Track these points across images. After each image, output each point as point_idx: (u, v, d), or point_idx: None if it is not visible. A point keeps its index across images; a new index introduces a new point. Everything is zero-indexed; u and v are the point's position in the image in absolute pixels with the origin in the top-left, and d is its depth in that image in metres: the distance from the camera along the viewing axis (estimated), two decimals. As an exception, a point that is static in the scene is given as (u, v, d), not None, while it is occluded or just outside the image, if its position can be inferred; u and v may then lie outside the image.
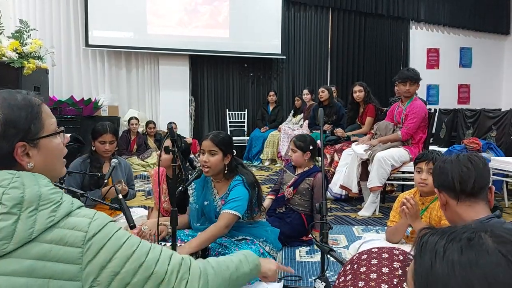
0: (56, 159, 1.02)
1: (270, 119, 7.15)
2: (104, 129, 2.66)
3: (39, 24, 6.34)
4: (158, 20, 6.83)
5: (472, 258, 0.58)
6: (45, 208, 0.87)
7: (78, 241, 0.87)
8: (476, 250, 0.58)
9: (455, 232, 0.62)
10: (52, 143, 1.00)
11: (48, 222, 0.86)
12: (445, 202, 1.38)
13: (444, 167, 1.38)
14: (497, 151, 4.42)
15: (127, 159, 5.28)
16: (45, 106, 1.00)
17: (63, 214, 0.89)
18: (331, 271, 2.38)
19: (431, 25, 8.81)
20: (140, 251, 0.94)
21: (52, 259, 0.84)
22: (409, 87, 3.68)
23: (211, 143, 2.16)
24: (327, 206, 1.80)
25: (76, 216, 0.91)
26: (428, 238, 0.64)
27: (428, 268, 0.61)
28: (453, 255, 0.59)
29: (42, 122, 0.97)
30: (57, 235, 0.86)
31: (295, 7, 7.78)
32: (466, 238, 0.60)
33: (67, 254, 0.86)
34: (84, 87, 6.81)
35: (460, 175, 1.33)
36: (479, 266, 0.57)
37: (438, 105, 8.31)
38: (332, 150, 4.65)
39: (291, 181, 2.96)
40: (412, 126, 3.66)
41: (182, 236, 2.25)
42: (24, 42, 3.53)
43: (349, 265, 1.19)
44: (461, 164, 1.36)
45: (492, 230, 0.61)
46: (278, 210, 2.99)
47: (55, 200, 0.89)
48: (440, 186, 1.39)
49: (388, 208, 3.85)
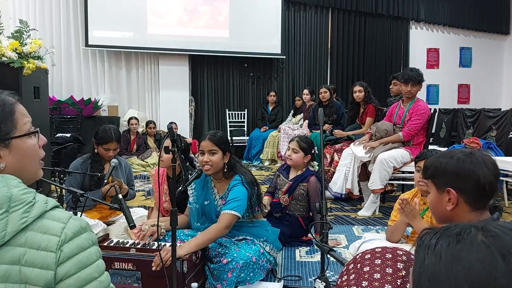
0: (30, 160, 0.97)
1: (270, 119, 7.15)
2: (110, 138, 2.66)
3: (39, 24, 6.34)
4: (158, 20, 6.82)
5: (456, 252, 0.58)
6: (17, 209, 0.83)
7: (52, 245, 0.84)
8: (462, 244, 0.59)
9: (449, 229, 0.63)
10: (25, 143, 0.95)
11: (21, 223, 0.82)
12: (455, 203, 1.20)
13: (468, 168, 1.18)
14: (497, 151, 4.42)
15: (127, 159, 5.28)
16: (19, 106, 0.96)
17: (36, 214, 0.85)
18: (331, 271, 2.38)
19: (431, 25, 8.81)
20: (101, 280, 0.90)
21: (26, 263, 0.82)
22: (411, 88, 3.61)
23: (210, 143, 2.17)
24: (327, 206, 1.80)
25: (50, 218, 0.87)
26: (426, 237, 0.65)
27: (421, 262, 0.62)
28: (441, 248, 0.60)
29: (15, 122, 0.93)
30: (31, 239, 0.83)
31: (295, 7, 7.78)
32: (455, 233, 0.61)
33: (41, 258, 0.83)
34: (84, 87, 6.81)
35: (492, 181, 1.17)
36: (461, 260, 0.57)
37: (438, 105, 8.31)
38: (332, 150, 4.65)
39: (285, 188, 2.93)
40: (414, 127, 3.61)
41: (182, 236, 2.25)
42: (23, 42, 3.53)
43: (352, 264, 1.19)
44: (491, 168, 1.19)
45: (485, 225, 0.61)
46: (275, 215, 2.97)
47: (27, 200, 0.85)
48: (459, 188, 1.18)
49: (388, 208, 3.85)
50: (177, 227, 1.71)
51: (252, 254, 2.09)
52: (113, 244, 2.11)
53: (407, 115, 3.68)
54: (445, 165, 1.23)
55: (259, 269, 2.11)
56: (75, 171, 2.54)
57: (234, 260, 2.01)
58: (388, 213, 3.51)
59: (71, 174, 2.54)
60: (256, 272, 2.08)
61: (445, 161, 1.24)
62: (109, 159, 2.70)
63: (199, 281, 2.07)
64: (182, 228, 2.36)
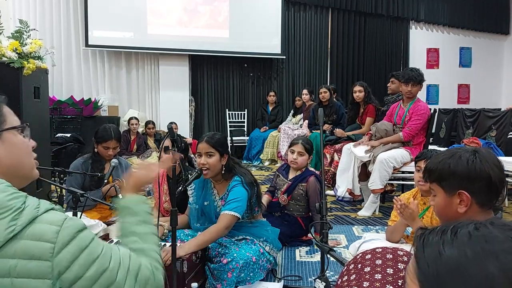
0: (23, 155, 0.95)
1: (270, 119, 7.15)
2: (109, 136, 2.67)
3: (39, 24, 6.34)
4: (158, 20, 6.82)
5: (483, 243, 0.57)
6: (3, 217, 0.78)
7: (45, 253, 0.79)
8: (485, 235, 0.58)
9: (456, 225, 0.62)
10: (17, 137, 0.94)
11: (8, 233, 0.77)
12: (467, 206, 1.16)
13: (479, 168, 1.14)
14: (497, 151, 4.42)
15: (127, 159, 5.28)
16: (6, 107, 0.94)
17: (25, 221, 0.80)
18: (331, 271, 2.38)
19: (431, 25, 8.81)
20: (113, 267, 0.89)
21: (19, 275, 0.77)
22: (411, 88, 3.61)
23: (207, 145, 2.17)
24: (327, 206, 1.80)
25: (42, 222, 0.82)
26: (429, 236, 0.63)
27: (436, 257, 0.59)
28: (462, 238, 0.58)
29: (4, 116, 0.92)
30: (21, 248, 0.78)
31: (295, 7, 7.78)
32: (473, 226, 0.60)
33: (35, 269, 0.78)
34: (84, 87, 6.80)
35: (502, 179, 1.15)
36: (491, 251, 0.56)
37: (438, 105, 8.30)
38: (332, 150, 4.65)
39: (285, 188, 2.94)
40: (414, 128, 3.61)
41: (182, 236, 2.25)
42: (24, 42, 3.52)
43: (352, 264, 1.19)
44: (498, 166, 1.16)
45: (493, 221, 0.61)
46: (275, 214, 2.98)
47: (14, 206, 0.80)
48: (469, 190, 1.14)
49: (388, 208, 3.85)
50: (177, 227, 1.71)
51: (252, 254, 2.09)
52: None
53: (407, 115, 3.68)
54: (454, 167, 1.17)
55: (259, 269, 2.11)
56: (75, 171, 2.55)
57: (234, 260, 2.01)
58: (388, 213, 3.52)
59: (72, 174, 2.55)
60: (256, 272, 2.09)
61: (453, 163, 1.18)
62: (109, 158, 2.70)
63: (199, 281, 2.07)
64: (182, 228, 2.36)
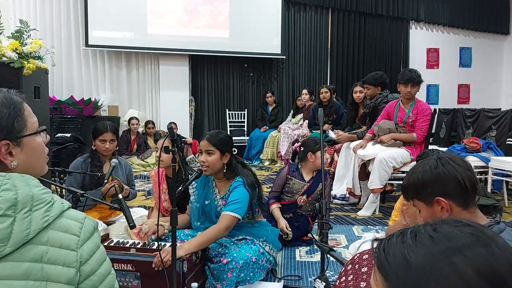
0: (39, 157, 0.99)
1: (270, 119, 7.15)
2: (105, 128, 2.68)
3: (39, 24, 6.34)
4: (158, 20, 6.83)
5: (446, 242, 0.56)
6: (39, 208, 0.86)
7: (72, 244, 0.88)
8: (445, 235, 0.57)
9: (412, 230, 0.60)
10: (35, 141, 0.97)
11: (43, 222, 0.85)
12: (449, 209, 1.21)
13: (443, 172, 1.21)
14: (497, 151, 4.41)
15: (127, 159, 5.29)
16: (26, 105, 0.97)
17: (56, 213, 0.88)
18: (331, 270, 2.38)
19: (430, 25, 8.80)
20: (113, 273, 0.97)
21: (49, 261, 0.84)
22: (411, 89, 3.65)
23: (207, 143, 2.17)
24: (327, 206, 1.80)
25: (67, 218, 0.91)
26: (388, 245, 0.60)
27: (405, 265, 0.56)
28: (424, 242, 0.57)
29: (25, 120, 0.94)
30: (52, 237, 0.86)
31: (295, 7, 7.77)
32: (430, 228, 0.59)
33: (63, 256, 0.86)
34: (84, 87, 6.81)
35: (469, 176, 1.20)
36: (456, 248, 0.56)
37: (438, 105, 8.30)
38: (332, 150, 4.65)
39: (304, 188, 2.86)
40: (425, 128, 3.71)
41: (182, 236, 2.26)
42: (24, 42, 3.52)
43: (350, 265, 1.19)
44: (462, 165, 1.23)
45: (444, 220, 0.60)
46: (285, 216, 2.86)
47: (47, 200, 0.88)
48: (444, 194, 1.20)
49: (388, 208, 3.85)
50: (177, 226, 1.71)
51: (252, 254, 2.09)
52: (113, 244, 2.11)
53: (410, 116, 3.71)
54: (422, 178, 1.24)
55: (259, 269, 2.11)
56: (75, 171, 2.55)
57: (234, 260, 2.01)
58: (388, 213, 3.52)
59: (71, 174, 2.55)
60: (256, 272, 2.09)
61: (420, 175, 1.25)
62: (107, 153, 2.71)
63: (199, 281, 2.07)
64: (183, 227, 2.36)
